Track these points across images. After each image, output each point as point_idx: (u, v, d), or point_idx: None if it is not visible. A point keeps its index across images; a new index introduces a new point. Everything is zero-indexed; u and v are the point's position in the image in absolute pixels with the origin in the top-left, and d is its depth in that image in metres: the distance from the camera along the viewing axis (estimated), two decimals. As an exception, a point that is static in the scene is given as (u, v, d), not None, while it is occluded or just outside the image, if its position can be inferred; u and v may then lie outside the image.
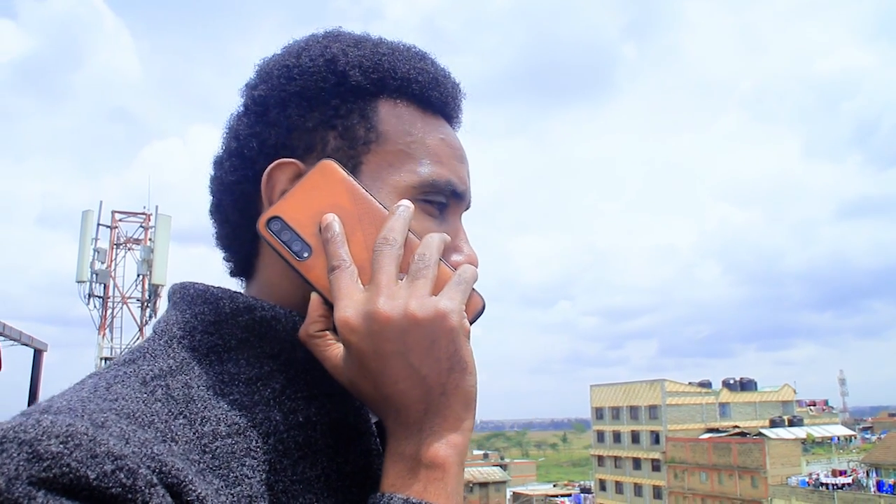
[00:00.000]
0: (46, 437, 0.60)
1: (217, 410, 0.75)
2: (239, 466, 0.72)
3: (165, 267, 25.07)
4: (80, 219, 24.54)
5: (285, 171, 0.85)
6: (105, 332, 25.15)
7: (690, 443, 58.46)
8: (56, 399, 0.69)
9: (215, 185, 0.92)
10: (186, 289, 0.86)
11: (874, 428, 76.70)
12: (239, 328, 0.81)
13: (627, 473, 67.85)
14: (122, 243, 25.99)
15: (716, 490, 54.61)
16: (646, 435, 66.07)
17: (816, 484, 48.17)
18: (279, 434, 0.77)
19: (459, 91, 0.97)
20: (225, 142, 0.92)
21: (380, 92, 0.89)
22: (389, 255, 0.78)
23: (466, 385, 0.76)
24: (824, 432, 61.18)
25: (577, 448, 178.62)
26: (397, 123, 0.88)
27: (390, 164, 0.86)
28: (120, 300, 25.60)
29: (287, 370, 0.81)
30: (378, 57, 0.89)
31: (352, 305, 0.75)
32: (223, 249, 0.95)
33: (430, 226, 0.86)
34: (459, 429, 0.75)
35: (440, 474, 0.73)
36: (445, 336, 0.75)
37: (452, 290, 0.78)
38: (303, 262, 0.80)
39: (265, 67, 0.92)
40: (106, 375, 0.74)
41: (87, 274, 24.57)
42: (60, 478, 0.59)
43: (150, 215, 26.00)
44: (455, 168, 0.89)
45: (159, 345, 0.80)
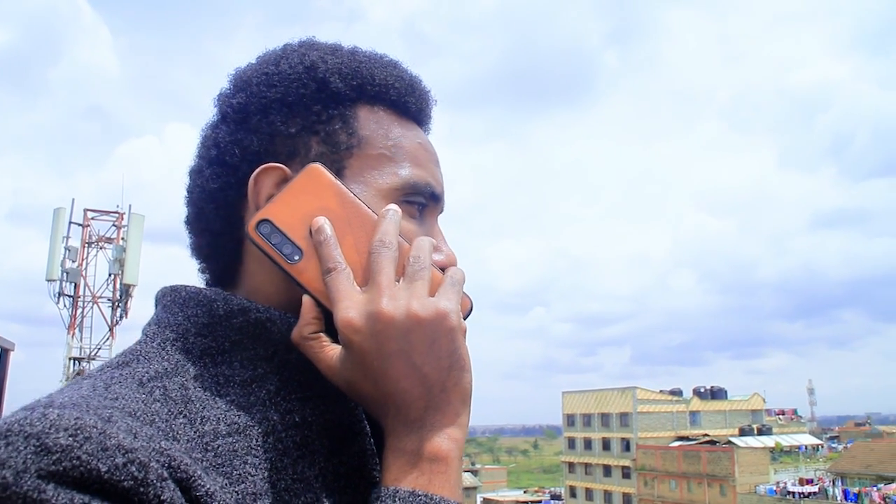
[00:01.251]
0: (54, 429, 0.60)
1: (216, 410, 0.75)
2: (241, 464, 0.73)
3: (138, 267, 24.78)
4: (52, 216, 24.20)
5: (271, 176, 0.85)
6: (74, 331, 24.79)
7: (660, 450, 58.78)
8: (56, 396, 0.68)
9: (195, 194, 0.92)
10: (178, 291, 0.86)
11: (841, 437, 77.62)
12: (233, 330, 0.81)
13: (598, 480, 68.08)
14: (93, 242, 25.65)
15: (685, 498, 54.96)
16: (616, 442, 66.37)
17: (784, 492, 48.63)
18: (277, 433, 0.78)
19: (431, 98, 0.99)
20: (202, 151, 0.92)
21: (359, 98, 0.91)
22: (388, 258, 0.80)
23: (464, 382, 0.79)
24: (792, 441, 61.75)
25: (547, 454, 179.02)
26: (377, 128, 0.90)
27: (372, 167, 0.88)
28: (90, 300, 25.26)
29: (281, 372, 0.82)
30: (356, 64, 0.91)
31: (353, 306, 0.77)
32: (201, 260, 0.94)
33: (411, 226, 0.88)
34: (458, 423, 0.78)
35: (443, 467, 0.75)
36: (446, 335, 0.77)
37: (449, 291, 0.80)
38: (294, 265, 0.81)
39: (242, 76, 0.92)
40: (101, 377, 0.74)
41: (58, 272, 24.22)
42: (71, 471, 0.58)
43: (122, 214, 25.70)
44: (432, 171, 0.92)
45: (152, 347, 0.80)
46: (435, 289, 0.81)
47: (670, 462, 56.74)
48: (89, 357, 24.90)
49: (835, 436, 79.92)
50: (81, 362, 24.76)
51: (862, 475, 48.92)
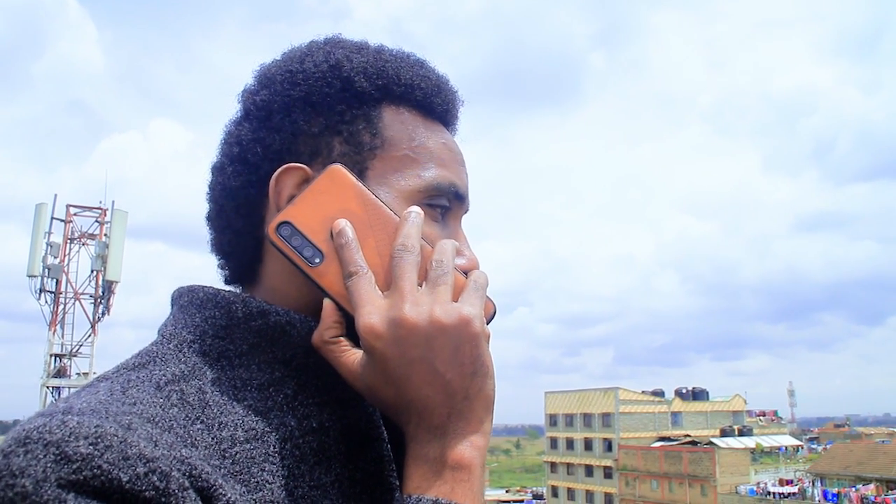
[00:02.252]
0: (74, 437, 0.59)
1: (233, 416, 0.74)
2: (259, 472, 0.72)
3: (120, 263, 24.68)
4: (34, 212, 24.10)
5: (293, 176, 0.84)
6: (56, 328, 24.63)
7: (642, 451, 59.04)
8: (73, 400, 0.67)
9: (216, 191, 0.91)
10: (195, 292, 0.85)
11: (820, 438, 78.28)
12: (251, 333, 0.81)
13: (580, 480, 68.27)
14: (76, 238, 25.53)
15: (666, 498, 55.25)
16: (598, 442, 66.56)
17: (764, 493, 49.01)
18: (295, 439, 0.77)
19: (458, 98, 0.97)
20: (224, 148, 0.91)
21: (384, 98, 0.89)
22: (410, 262, 0.78)
23: (487, 389, 0.78)
24: (773, 442, 62.26)
25: (530, 454, 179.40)
26: (401, 129, 0.88)
27: (395, 169, 0.86)
28: (72, 296, 25.11)
29: (298, 376, 0.81)
30: (382, 63, 0.90)
31: (376, 312, 0.76)
32: (221, 256, 0.93)
33: (434, 229, 0.86)
34: (481, 431, 0.77)
35: (466, 475, 0.74)
36: (469, 341, 0.76)
37: (472, 296, 0.79)
38: (315, 268, 0.80)
39: (266, 73, 0.91)
40: (118, 380, 0.73)
41: (39, 268, 24.09)
42: (91, 480, 0.57)
43: (105, 210, 25.63)
44: (457, 172, 0.91)
45: (169, 349, 0.79)
46: (458, 293, 0.79)
47: (652, 462, 57.01)
48: (70, 353, 24.76)
49: (814, 437, 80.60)
50: (62, 359, 24.60)
51: (841, 476, 49.37)
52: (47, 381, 23.86)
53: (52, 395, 23.36)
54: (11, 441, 0.59)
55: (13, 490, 0.56)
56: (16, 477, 0.57)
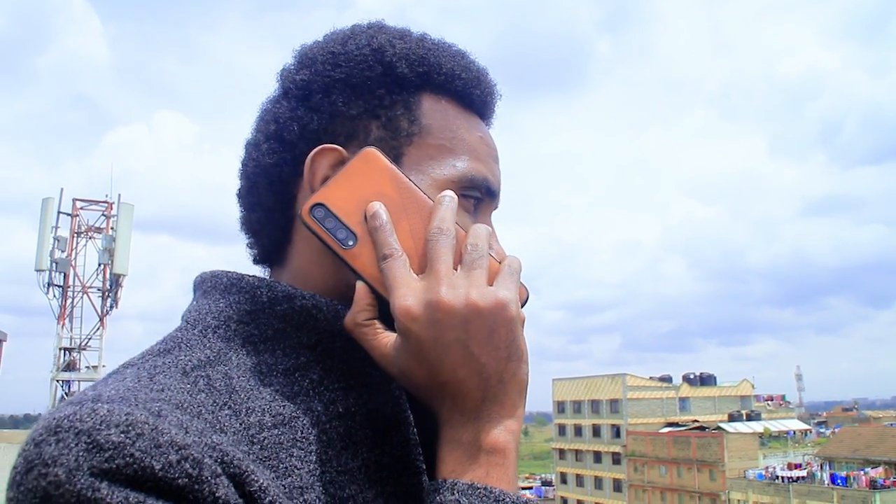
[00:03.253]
0: (105, 426, 0.58)
1: (260, 401, 0.74)
2: (287, 457, 0.71)
3: (127, 256, 24.72)
4: (40, 206, 24.10)
5: (328, 157, 0.84)
6: (65, 322, 24.70)
7: (650, 436, 59.11)
8: (101, 388, 0.66)
9: (250, 167, 0.90)
10: (218, 277, 0.85)
11: (828, 422, 78.37)
12: (276, 318, 0.80)
13: (588, 467, 68.36)
14: (83, 232, 25.55)
15: (675, 483, 55.35)
16: (607, 428, 66.61)
17: (772, 477, 49.03)
18: (321, 425, 0.76)
19: (496, 92, 0.97)
20: (261, 125, 0.91)
21: (424, 85, 0.89)
22: (446, 245, 0.78)
23: (522, 373, 0.77)
24: (781, 427, 62.19)
25: (538, 441, 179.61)
26: (440, 118, 0.88)
27: (431, 157, 0.86)
28: (80, 290, 25.18)
29: (323, 361, 0.80)
30: (424, 51, 0.89)
31: (412, 294, 0.75)
32: (250, 235, 0.93)
33: (466, 220, 0.86)
34: (515, 415, 0.76)
35: (501, 459, 0.74)
36: (505, 325, 0.75)
37: (507, 280, 0.78)
38: (348, 251, 0.79)
39: (307, 53, 0.91)
40: (144, 366, 0.73)
41: (47, 262, 24.13)
42: (124, 468, 0.57)
43: (112, 203, 25.63)
44: (491, 166, 0.90)
45: (193, 335, 0.79)
46: (492, 278, 0.79)
47: (660, 448, 57.07)
48: (80, 347, 24.85)
49: (822, 421, 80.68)
50: (72, 352, 24.70)
51: (849, 459, 49.37)
52: (57, 374, 23.97)
53: (62, 389, 23.49)
54: (42, 430, 0.59)
55: (46, 479, 0.56)
56: (48, 466, 0.56)
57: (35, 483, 0.56)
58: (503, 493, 0.71)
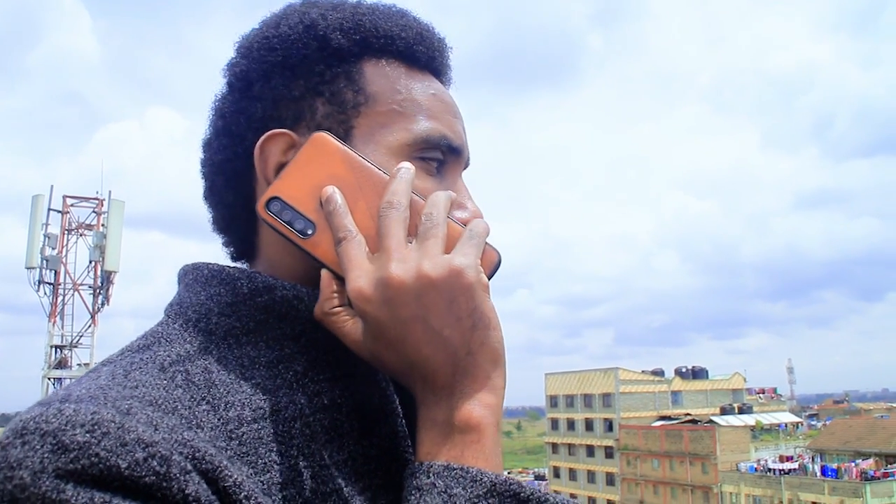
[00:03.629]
0: (71, 426, 0.58)
1: (240, 395, 0.72)
2: (267, 452, 0.70)
3: (118, 253, 24.68)
4: (31, 203, 24.03)
5: (277, 143, 0.82)
6: (56, 319, 24.65)
7: (643, 430, 59.28)
8: (73, 388, 0.65)
9: (206, 167, 0.90)
10: (199, 269, 0.83)
11: (819, 415, 78.77)
12: (258, 309, 0.78)
13: (581, 461, 68.62)
14: (73, 229, 25.49)
15: (667, 476, 55.56)
16: (599, 422, 66.85)
17: (764, 469, 49.27)
18: (305, 418, 0.75)
19: (445, 45, 0.93)
20: (211, 123, 0.90)
21: (363, 53, 0.86)
22: (396, 219, 0.75)
23: (492, 341, 0.74)
24: (772, 419, 62.59)
25: (531, 436, 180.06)
26: (385, 83, 0.85)
27: (382, 124, 0.83)
28: (71, 287, 25.12)
29: (308, 351, 0.79)
30: (358, 17, 0.87)
31: (363, 275, 0.73)
32: (220, 233, 0.92)
33: (429, 185, 0.83)
34: (489, 387, 0.73)
35: (476, 437, 0.71)
36: (463, 293, 0.72)
37: (465, 245, 0.75)
38: (308, 240, 0.78)
39: (244, 43, 0.89)
40: (121, 362, 0.71)
41: (38, 260, 24.08)
42: (89, 468, 0.56)
43: (102, 200, 25.59)
44: (449, 122, 0.87)
45: (174, 329, 0.78)
46: (452, 243, 0.75)
47: (653, 441, 57.27)
48: (71, 345, 24.79)
49: (814, 413, 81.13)
50: (63, 350, 24.64)
51: (840, 451, 49.68)
52: (49, 372, 23.92)
53: (53, 387, 23.39)
54: (9, 432, 0.59)
55: (11, 482, 0.56)
56: (13, 469, 0.56)
57: (1, 486, 0.56)
58: (480, 472, 0.68)
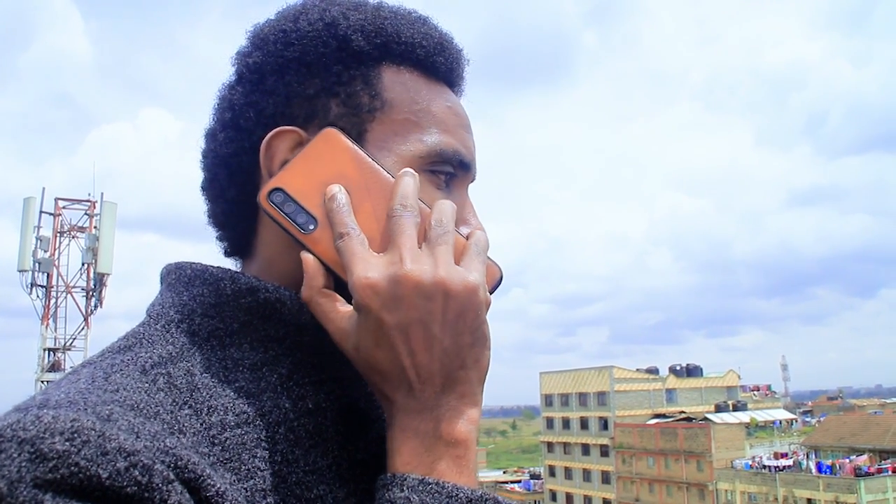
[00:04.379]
0: (49, 434, 0.55)
1: (223, 399, 0.70)
2: (250, 458, 0.68)
3: (111, 255, 24.57)
4: (22, 206, 23.91)
5: (285, 140, 0.80)
6: (48, 322, 24.52)
7: (638, 428, 59.35)
8: (52, 392, 0.63)
9: (209, 159, 0.87)
10: (182, 269, 0.80)
11: (814, 411, 78.96)
12: (241, 311, 0.76)
13: (576, 459, 68.57)
14: (65, 231, 25.35)
15: (663, 474, 55.62)
16: (594, 421, 66.83)
17: (759, 466, 49.38)
18: (289, 422, 0.73)
19: (463, 57, 0.91)
20: (217, 113, 0.87)
21: (383, 58, 0.84)
22: (410, 220, 0.73)
23: (484, 360, 0.74)
24: (767, 416, 62.60)
25: (526, 435, 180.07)
26: (403, 91, 0.83)
27: (396, 132, 0.82)
28: (64, 290, 24.98)
29: (293, 354, 0.76)
30: (380, 21, 0.84)
31: (373, 268, 0.71)
32: (217, 228, 0.89)
33: (437, 197, 0.81)
34: (476, 403, 0.73)
35: (462, 451, 0.70)
36: (473, 309, 0.72)
37: (475, 260, 0.74)
38: (308, 235, 0.75)
39: (259, 34, 0.86)
40: (101, 364, 0.69)
41: (30, 263, 23.94)
42: (69, 478, 0.54)
43: (94, 202, 25.45)
44: (462, 137, 0.85)
45: (156, 330, 0.75)
46: (458, 256, 0.74)
47: (648, 439, 57.33)
48: (64, 347, 24.66)
49: (808, 410, 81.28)
50: (56, 353, 24.51)
51: (835, 448, 49.82)
52: (41, 375, 23.78)
53: (46, 390, 23.29)
54: None
55: None
56: None
57: None
58: (457, 488, 0.67)
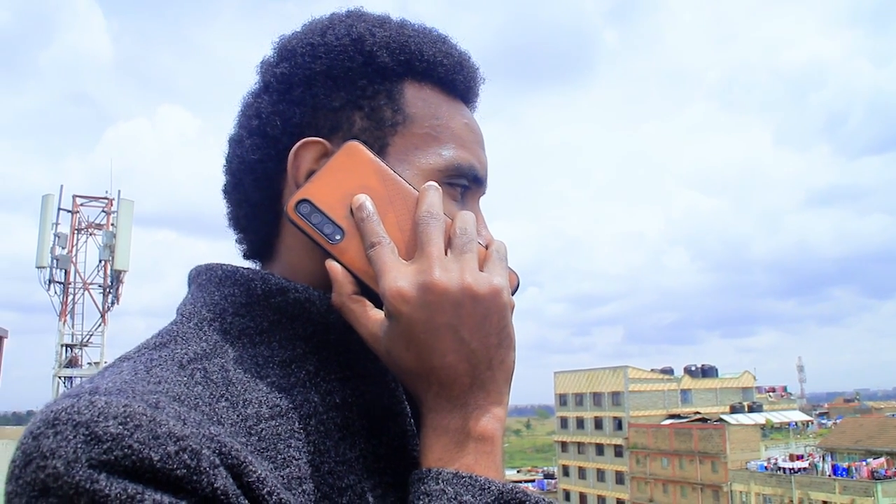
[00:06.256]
0: (103, 417, 0.58)
1: (257, 393, 0.74)
2: (285, 448, 0.72)
3: (128, 252, 24.72)
4: (41, 203, 24.08)
5: (311, 150, 0.84)
6: (66, 318, 24.70)
7: (652, 429, 59.14)
8: (98, 381, 0.66)
9: (234, 163, 0.90)
10: (213, 270, 0.84)
11: (830, 413, 78.37)
12: (271, 310, 0.80)
13: (590, 459, 68.47)
14: (83, 228, 25.55)
15: (677, 475, 55.40)
16: (608, 421, 66.70)
17: (774, 468, 49.07)
18: (319, 415, 0.76)
19: (479, 75, 0.96)
20: (242, 120, 0.90)
21: (406, 74, 0.88)
22: (437, 228, 0.77)
23: (510, 360, 0.78)
24: (782, 418, 62.29)
25: (540, 434, 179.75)
26: (423, 106, 0.87)
27: (416, 146, 0.85)
28: (81, 286, 25.17)
29: (319, 352, 0.80)
30: (404, 38, 0.88)
31: (403, 277, 0.75)
32: (238, 231, 0.93)
33: (454, 208, 0.85)
34: (502, 402, 0.77)
35: (489, 447, 0.74)
36: (498, 311, 0.76)
37: (498, 266, 0.79)
38: (336, 245, 0.79)
39: (287, 45, 0.90)
40: (141, 359, 0.72)
41: (48, 259, 24.13)
42: (122, 460, 0.57)
43: (112, 200, 25.62)
44: (477, 153, 0.89)
45: (189, 328, 0.78)
46: (481, 263, 0.78)
47: (662, 440, 57.12)
48: (81, 343, 24.85)
49: (824, 412, 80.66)
50: (74, 349, 24.70)
51: (851, 450, 49.40)
52: (59, 371, 23.98)
53: (64, 385, 23.47)
54: (40, 423, 0.59)
55: (45, 472, 0.56)
56: (47, 458, 0.57)
57: (34, 476, 0.56)
58: (489, 482, 0.71)
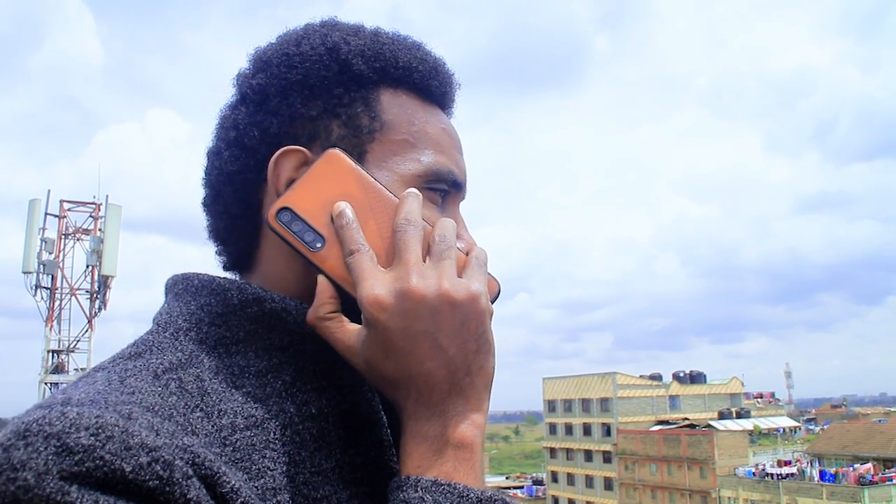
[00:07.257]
0: (75, 428, 0.58)
1: (232, 403, 0.74)
2: (260, 459, 0.71)
3: (116, 258, 24.57)
4: (28, 207, 23.91)
5: (291, 159, 0.84)
6: (53, 324, 24.52)
7: (641, 435, 59.22)
8: (71, 391, 0.66)
9: (212, 176, 0.90)
10: (190, 279, 0.84)
11: (817, 419, 78.85)
12: (248, 320, 0.80)
13: (579, 465, 68.48)
14: (70, 233, 25.36)
15: (665, 481, 55.49)
16: (597, 427, 66.73)
17: (762, 474, 49.23)
18: (294, 426, 0.76)
19: (455, 81, 0.96)
20: (220, 132, 0.90)
21: (381, 81, 0.88)
22: (415, 235, 0.78)
23: (489, 366, 0.78)
24: (770, 424, 62.45)
25: (529, 440, 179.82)
26: (400, 112, 0.88)
27: (394, 152, 0.86)
28: (68, 292, 25.00)
29: (296, 362, 0.80)
30: (379, 46, 0.89)
31: (380, 284, 0.75)
32: (218, 242, 0.93)
33: (433, 214, 0.85)
34: (481, 409, 0.76)
35: (468, 454, 0.73)
36: (476, 318, 0.76)
37: (477, 272, 0.79)
38: (316, 253, 0.79)
39: (262, 56, 0.90)
40: (115, 369, 0.72)
41: (34, 264, 23.94)
42: (94, 471, 0.57)
43: (99, 205, 25.44)
44: (455, 158, 0.90)
45: (165, 337, 0.78)
46: (460, 270, 0.78)
47: (651, 446, 57.22)
48: (68, 349, 24.67)
49: (812, 418, 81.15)
50: (60, 355, 24.53)
51: (838, 456, 49.69)
52: (45, 377, 23.81)
53: (50, 391, 23.19)
54: (11, 434, 0.58)
55: (15, 483, 0.55)
56: (17, 470, 0.56)
57: (4, 488, 0.55)
58: (467, 489, 0.70)
